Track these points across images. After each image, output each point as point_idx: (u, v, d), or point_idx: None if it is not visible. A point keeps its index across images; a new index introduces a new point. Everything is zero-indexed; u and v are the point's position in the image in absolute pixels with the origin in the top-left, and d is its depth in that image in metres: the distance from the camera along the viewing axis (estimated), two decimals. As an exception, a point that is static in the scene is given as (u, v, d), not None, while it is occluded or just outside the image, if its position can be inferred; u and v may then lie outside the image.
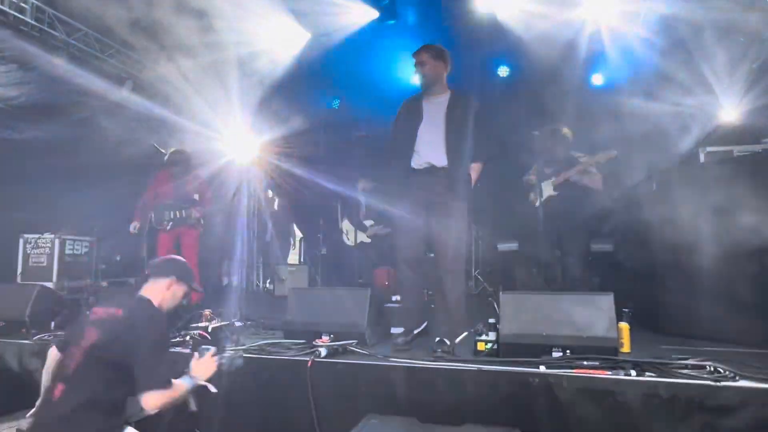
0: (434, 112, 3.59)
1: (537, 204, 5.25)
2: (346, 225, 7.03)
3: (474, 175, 3.63)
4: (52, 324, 4.25)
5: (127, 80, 6.00)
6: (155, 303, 2.62)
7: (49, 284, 5.50)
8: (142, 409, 2.35)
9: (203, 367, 2.66)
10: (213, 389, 2.69)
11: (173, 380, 2.43)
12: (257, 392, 3.23)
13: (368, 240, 7.25)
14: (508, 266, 7.48)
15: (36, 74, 6.15)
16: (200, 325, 3.80)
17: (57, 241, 5.77)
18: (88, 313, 2.57)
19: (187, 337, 3.66)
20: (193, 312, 4.21)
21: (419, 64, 3.66)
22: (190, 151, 6.21)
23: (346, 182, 6.44)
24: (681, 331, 3.92)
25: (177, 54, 7.72)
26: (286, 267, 8.30)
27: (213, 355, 2.71)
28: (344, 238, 6.90)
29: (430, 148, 3.54)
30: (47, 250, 5.75)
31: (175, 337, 3.75)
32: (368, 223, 7.25)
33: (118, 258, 6.70)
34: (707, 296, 3.81)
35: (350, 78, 8.36)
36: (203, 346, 2.81)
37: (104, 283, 6.23)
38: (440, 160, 3.53)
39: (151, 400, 2.28)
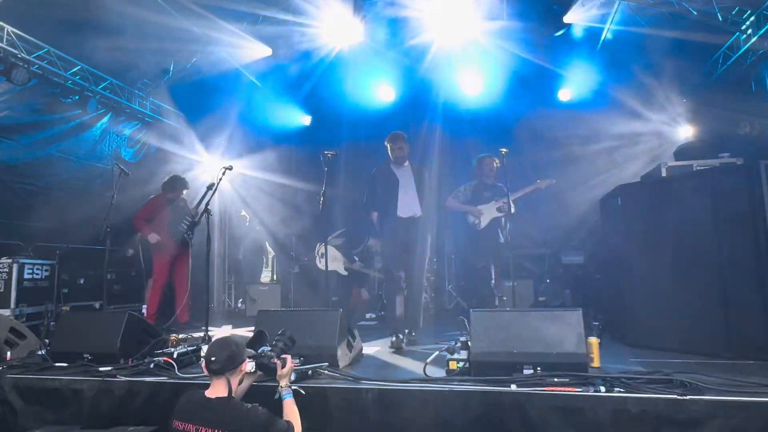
0: (406, 178, 5.02)
1: (481, 227, 5.71)
2: (320, 248, 6.87)
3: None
4: (8, 354, 4.05)
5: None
6: (234, 395, 2.58)
7: (6, 311, 5.27)
8: None
9: (286, 374, 2.81)
10: (302, 391, 2.91)
11: (284, 404, 2.69)
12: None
13: (344, 273, 7.06)
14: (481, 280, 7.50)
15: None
16: (165, 351, 3.67)
17: (15, 266, 5.52)
18: None
19: (152, 365, 3.53)
20: (159, 338, 4.07)
21: (400, 149, 5.00)
22: (182, 175, 6.32)
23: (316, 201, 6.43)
24: (649, 343, 3.99)
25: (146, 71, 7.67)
26: (259, 286, 8.14)
27: (279, 356, 2.83)
28: (317, 261, 6.75)
29: (410, 203, 4.94)
30: (4, 275, 5.48)
31: (139, 365, 3.62)
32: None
33: (81, 281, 6.46)
34: (671, 308, 3.90)
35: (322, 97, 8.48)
36: (260, 350, 2.84)
37: (66, 308, 5.99)
38: (417, 211, 4.96)
39: None
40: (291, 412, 2.67)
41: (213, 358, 2.52)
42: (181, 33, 6.76)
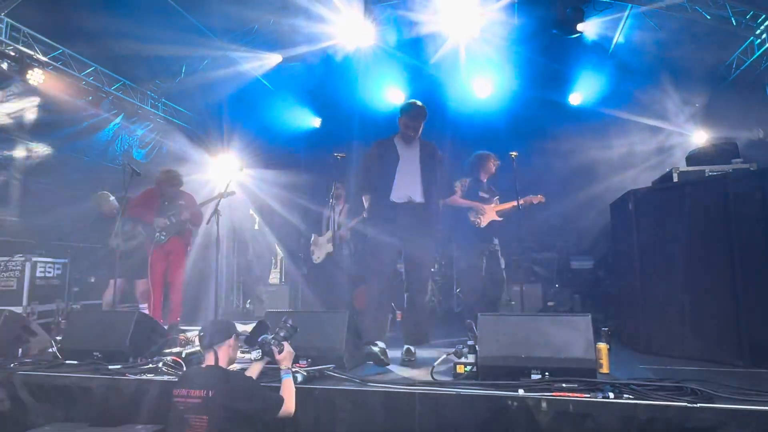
0: (410, 155, 4.07)
1: (482, 226, 5.18)
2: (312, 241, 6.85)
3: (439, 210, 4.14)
4: (20, 351, 4.10)
5: None
6: (225, 366, 2.82)
7: (18, 308, 5.33)
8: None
9: (286, 356, 2.96)
10: (303, 373, 3.08)
11: (282, 383, 2.84)
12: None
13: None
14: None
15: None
16: (174, 350, 3.70)
17: (28, 264, 5.59)
18: (175, 400, 2.63)
19: (160, 364, 3.55)
20: (168, 337, 4.10)
21: (415, 130, 4.13)
22: (177, 169, 6.01)
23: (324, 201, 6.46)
24: (659, 350, 3.94)
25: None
26: (267, 287, 8.17)
27: (279, 342, 2.96)
28: (313, 258, 6.75)
29: (408, 186, 3.98)
30: (17, 273, 5.56)
31: (147, 363, 3.65)
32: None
33: (92, 280, 6.52)
34: (682, 314, 3.85)
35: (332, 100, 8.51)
36: (261, 338, 3.00)
37: (77, 306, 6.06)
38: (417, 196, 3.98)
39: (286, 412, 2.74)
40: (286, 390, 2.85)
41: (202, 333, 2.87)
42: (193, 36, 6.83)
